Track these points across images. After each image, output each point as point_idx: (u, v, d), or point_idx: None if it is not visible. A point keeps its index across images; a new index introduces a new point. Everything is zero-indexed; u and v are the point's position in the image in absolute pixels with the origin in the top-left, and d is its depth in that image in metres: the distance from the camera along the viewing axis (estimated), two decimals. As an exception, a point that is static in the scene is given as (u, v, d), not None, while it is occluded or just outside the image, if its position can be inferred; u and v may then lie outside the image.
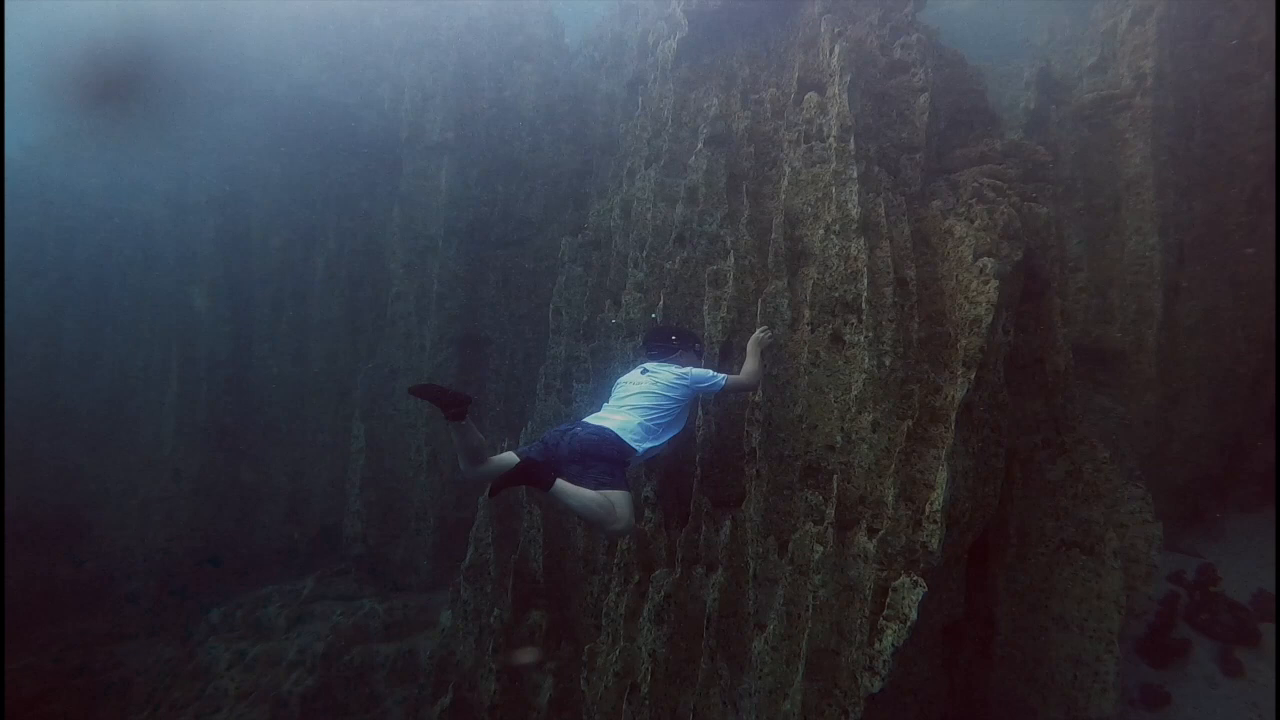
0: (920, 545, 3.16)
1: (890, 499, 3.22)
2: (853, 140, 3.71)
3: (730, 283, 3.97)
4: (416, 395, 2.83)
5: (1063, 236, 5.01)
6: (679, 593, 3.73)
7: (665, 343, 3.61)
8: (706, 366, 3.60)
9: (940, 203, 3.80)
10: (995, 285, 3.32)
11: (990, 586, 3.88)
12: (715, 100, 4.45)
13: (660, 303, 4.26)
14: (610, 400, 3.47)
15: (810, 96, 4.02)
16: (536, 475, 2.69)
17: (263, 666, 6.40)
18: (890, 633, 3.05)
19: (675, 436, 3.39)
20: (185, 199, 8.77)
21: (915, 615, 3.01)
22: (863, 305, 3.46)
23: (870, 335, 3.40)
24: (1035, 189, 4.03)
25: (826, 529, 3.31)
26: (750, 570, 3.53)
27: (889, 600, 3.12)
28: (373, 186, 8.68)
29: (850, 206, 3.64)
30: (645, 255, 4.53)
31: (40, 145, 9.58)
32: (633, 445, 3.09)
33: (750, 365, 3.45)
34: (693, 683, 3.63)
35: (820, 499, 3.42)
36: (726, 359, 3.91)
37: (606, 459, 2.98)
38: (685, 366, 3.48)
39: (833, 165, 3.76)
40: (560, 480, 2.75)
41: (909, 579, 3.10)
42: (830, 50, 3.96)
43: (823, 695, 3.17)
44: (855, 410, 3.40)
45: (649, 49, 5.55)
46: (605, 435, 3.07)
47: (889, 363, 3.38)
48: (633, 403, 3.29)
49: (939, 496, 3.14)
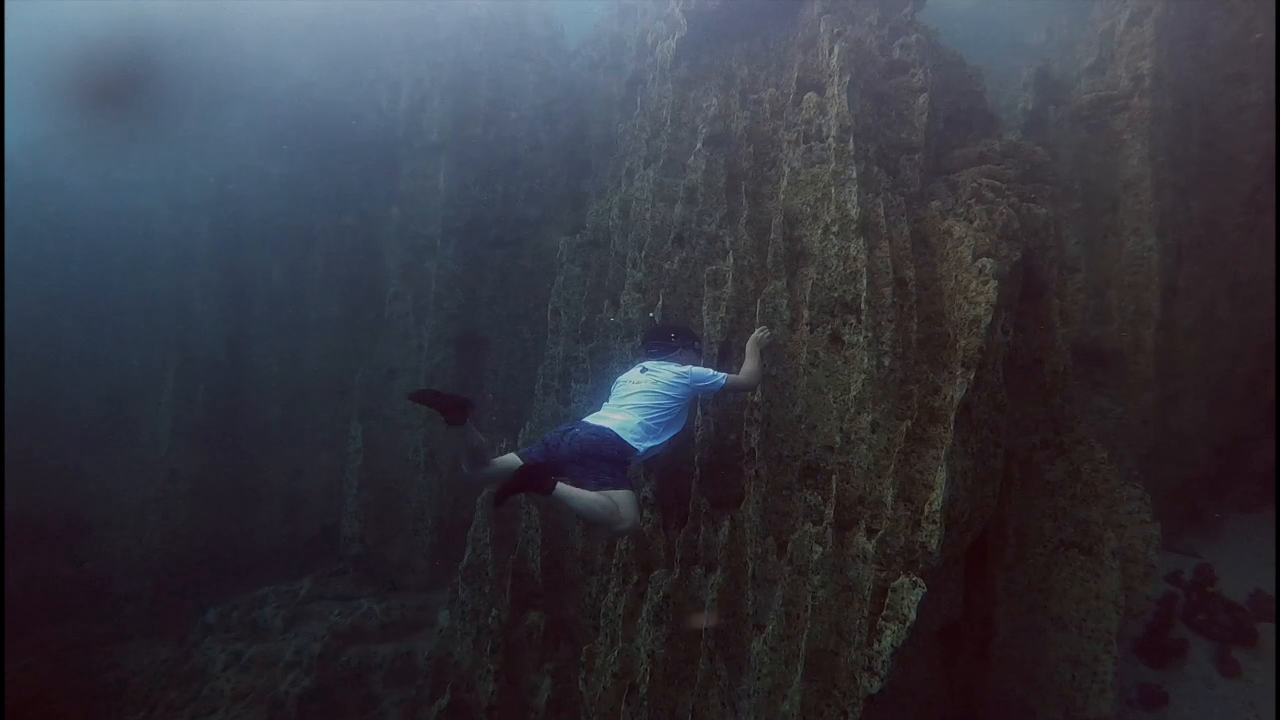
0: (919, 546, 3.16)
1: (889, 499, 3.22)
2: (852, 140, 3.71)
3: (729, 283, 3.97)
4: (416, 401, 2.81)
5: (1061, 237, 4.99)
6: (677, 593, 3.73)
7: (664, 341, 3.60)
8: (706, 366, 3.59)
9: (939, 203, 3.80)
10: (994, 286, 3.33)
11: (989, 587, 3.89)
12: (714, 100, 4.44)
13: (659, 303, 4.26)
14: (610, 400, 3.46)
15: (809, 97, 4.02)
16: (536, 482, 2.69)
17: (259, 667, 6.37)
18: (889, 633, 3.05)
19: (675, 436, 3.38)
20: (183, 198, 8.73)
21: (914, 616, 3.02)
22: (862, 305, 3.46)
23: (869, 335, 3.40)
24: (1034, 189, 4.04)
25: (825, 529, 3.31)
26: (749, 571, 3.53)
27: (888, 601, 3.12)
28: (370, 186, 8.64)
29: (849, 207, 3.63)
30: (644, 255, 4.53)
31: (38, 144, 9.53)
32: (633, 445, 3.08)
33: (749, 365, 3.45)
34: (691, 683, 3.62)
35: (819, 499, 3.42)
36: (725, 359, 3.90)
37: (607, 459, 2.98)
38: (685, 365, 3.47)
39: (832, 165, 3.76)
40: (561, 484, 2.75)
41: (908, 579, 3.11)
42: (829, 50, 3.96)
43: (822, 696, 3.17)
44: (854, 410, 3.39)
45: (648, 49, 5.55)
46: (605, 435, 3.06)
47: (888, 363, 3.38)
48: (633, 402, 3.28)
49: (938, 497, 3.14)
